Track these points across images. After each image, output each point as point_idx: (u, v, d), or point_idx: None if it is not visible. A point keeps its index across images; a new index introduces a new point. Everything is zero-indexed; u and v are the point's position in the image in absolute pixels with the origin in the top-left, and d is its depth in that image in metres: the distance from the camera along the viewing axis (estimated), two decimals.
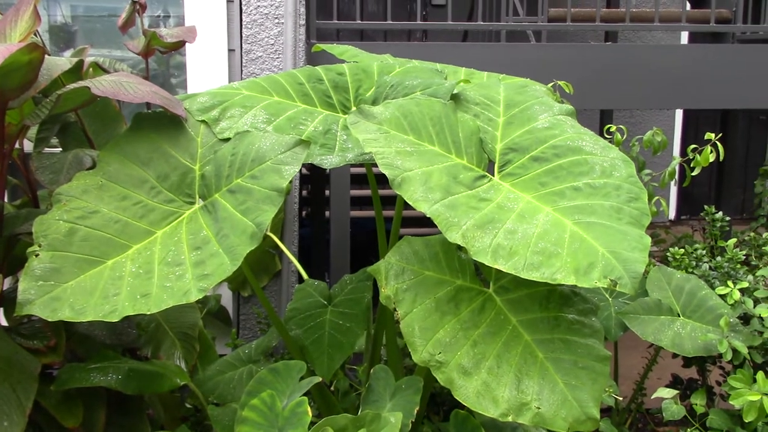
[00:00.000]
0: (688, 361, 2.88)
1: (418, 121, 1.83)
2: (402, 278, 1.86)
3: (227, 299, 3.27)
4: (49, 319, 1.68)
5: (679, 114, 7.00)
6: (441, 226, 1.61)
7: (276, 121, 1.95)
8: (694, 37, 6.72)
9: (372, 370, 2.08)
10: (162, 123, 1.97)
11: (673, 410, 2.46)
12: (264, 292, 3.11)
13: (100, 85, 1.85)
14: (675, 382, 3.07)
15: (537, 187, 1.76)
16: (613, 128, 2.71)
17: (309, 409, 1.86)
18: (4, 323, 2.17)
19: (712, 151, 2.49)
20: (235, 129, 1.93)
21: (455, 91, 2.00)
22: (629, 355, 3.17)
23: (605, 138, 2.78)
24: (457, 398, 1.72)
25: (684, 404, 2.59)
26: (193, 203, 1.91)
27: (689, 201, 7.14)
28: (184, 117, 1.95)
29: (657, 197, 2.71)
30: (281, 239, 3.00)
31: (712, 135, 2.50)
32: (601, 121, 5.90)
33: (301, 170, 4.07)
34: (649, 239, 1.60)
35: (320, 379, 1.99)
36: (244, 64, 2.96)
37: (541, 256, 1.56)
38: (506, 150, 1.87)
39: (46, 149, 2.34)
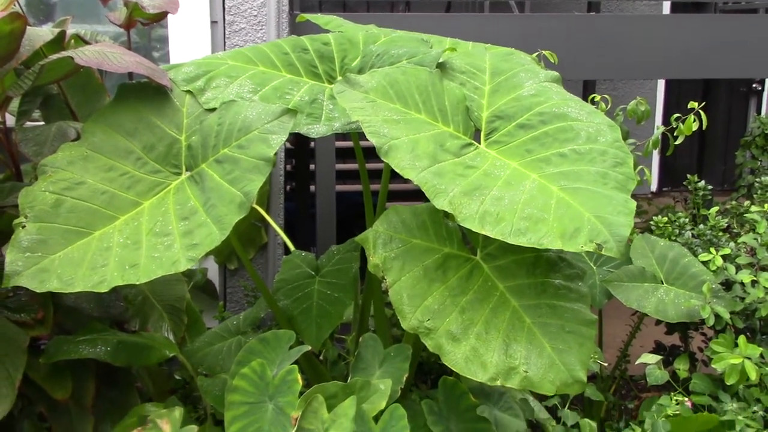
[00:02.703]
0: (670, 328, 2.93)
1: (404, 89, 1.84)
2: (390, 247, 1.87)
3: (213, 273, 3.27)
4: (37, 291, 1.68)
5: (661, 85, 7.03)
6: (428, 193, 1.62)
7: (262, 91, 1.94)
8: (675, 8, 6.74)
9: (361, 339, 2.10)
10: (147, 93, 1.96)
11: (657, 375, 2.50)
12: (252, 264, 3.12)
13: (84, 55, 1.84)
14: (658, 349, 3.11)
15: (523, 154, 1.77)
16: (597, 98, 2.72)
17: (299, 377, 1.88)
18: None
19: (695, 120, 2.51)
20: (220, 99, 1.92)
21: (441, 60, 2.00)
22: (613, 324, 3.21)
23: None
24: (446, 364, 1.74)
25: (667, 370, 2.63)
26: (179, 174, 1.90)
27: (671, 173, 7.19)
28: (169, 87, 1.94)
29: (641, 166, 2.73)
30: (267, 212, 2.99)
31: (695, 104, 2.51)
32: (584, 92, 5.91)
33: (285, 144, 4.06)
34: (634, 203, 1.62)
35: (309, 348, 2.01)
36: (227, 36, 2.94)
37: (527, 222, 1.57)
38: (492, 118, 1.88)
39: (28, 122, 2.32)
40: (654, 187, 7.27)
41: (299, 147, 4.22)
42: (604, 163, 1.69)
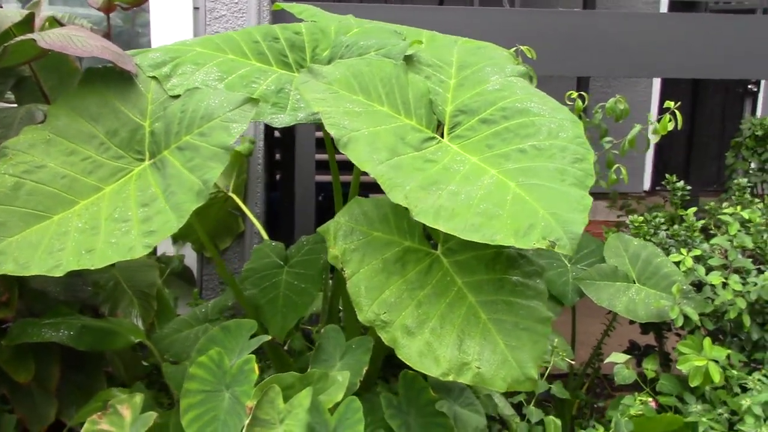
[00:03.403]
0: (645, 328, 2.92)
1: (368, 81, 1.83)
2: (350, 239, 1.86)
3: (192, 259, 3.27)
4: None
5: (656, 85, 7.01)
6: (385, 186, 1.61)
7: (228, 79, 1.94)
8: (673, 7, 6.72)
9: (323, 330, 2.10)
10: (113, 78, 1.95)
11: (625, 374, 2.50)
12: (227, 252, 3.12)
13: (48, 38, 1.83)
14: (632, 348, 3.11)
15: (484, 149, 1.76)
16: (574, 94, 2.71)
17: (256, 366, 1.88)
18: None
19: (670, 120, 2.50)
20: (186, 86, 1.91)
21: (409, 53, 1.99)
22: (588, 322, 3.20)
23: (567, 105, 2.78)
24: (400, 357, 1.74)
25: (640, 370, 2.63)
26: (143, 160, 1.90)
27: (664, 172, 7.16)
28: (134, 72, 1.94)
29: (617, 165, 2.72)
30: (244, 201, 2.99)
31: (671, 103, 2.50)
32: (578, 89, 5.89)
33: (273, 134, 4.05)
34: (590, 200, 1.61)
35: (269, 337, 2.01)
36: (207, 23, 2.93)
37: (482, 218, 1.57)
38: (456, 112, 1.87)
39: (3, 104, 2.32)
40: (647, 185, 7.26)
41: (286, 137, 4.22)
42: (564, 160, 1.68)
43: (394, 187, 1.61)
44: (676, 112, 2.48)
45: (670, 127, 2.49)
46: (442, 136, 1.84)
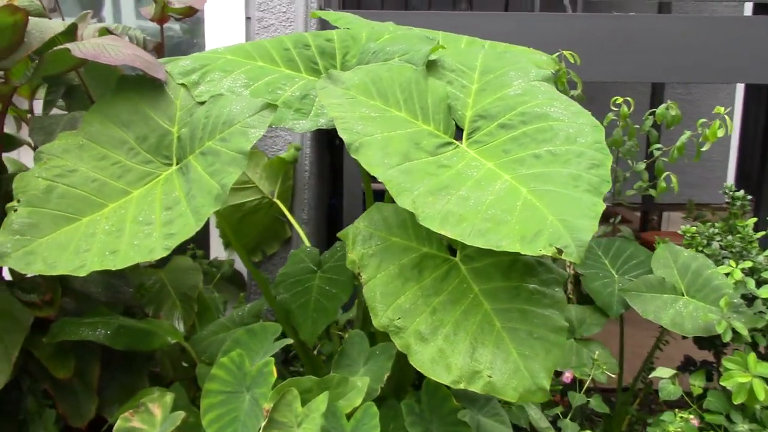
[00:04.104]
0: (701, 343, 2.80)
1: (386, 86, 1.83)
2: (369, 244, 1.86)
3: (243, 264, 3.34)
4: (22, 272, 1.76)
5: (740, 90, 6.72)
6: (393, 191, 1.61)
7: (254, 86, 1.97)
8: (758, 9, 6.42)
9: (347, 335, 2.11)
10: (144, 86, 2.02)
11: (670, 390, 2.41)
12: (275, 258, 3.17)
13: (83, 47, 1.91)
14: (687, 363, 2.99)
15: (500, 154, 1.73)
16: (620, 100, 2.63)
17: (274, 369, 1.90)
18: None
19: (721, 126, 2.39)
20: (212, 92, 1.96)
21: (433, 58, 1.98)
22: (644, 335, 3.09)
23: (612, 110, 2.71)
24: (412, 364, 1.73)
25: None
26: (170, 165, 1.95)
27: (746, 183, 6.86)
28: (164, 80, 1.99)
29: (667, 173, 2.62)
30: (291, 207, 3.03)
31: (722, 109, 2.40)
32: (652, 97, 5.72)
33: (335, 142, 4.09)
34: (602, 207, 1.56)
35: (291, 341, 2.03)
36: (256, 32, 2.99)
37: (489, 223, 1.54)
38: (476, 117, 1.85)
39: (59, 112, 2.43)
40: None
41: (341, 144, 4.25)
42: (579, 165, 1.64)
43: (402, 192, 1.60)
44: (726, 118, 2.37)
45: (721, 134, 2.38)
46: (461, 142, 1.82)
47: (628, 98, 2.63)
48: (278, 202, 2.86)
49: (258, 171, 2.84)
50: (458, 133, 1.85)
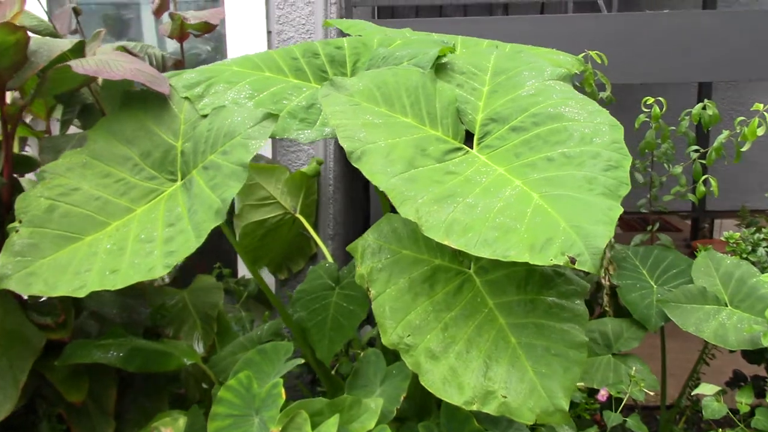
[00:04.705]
0: (750, 356, 2.63)
1: (392, 91, 1.74)
2: (378, 257, 1.78)
3: (271, 283, 3.28)
4: (23, 293, 1.72)
5: None
6: (395, 200, 1.52)
7: (258, 97, 1.91)
8: None
9: (362, 354, 2.02)
10: (149, 101, 1.97)
11: (714, 408, 2.25)
12: (300, 275, 3.10)
13: (85, 64, 1.87)
14: (736, 378, 2.81)
15: (511, 159, 1.63)
16: (650, 100, 2.49)
17: (283, 391, 1.82)
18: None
19: (761, 124, 2.24)
20: (217, 105, 1.90)
21: (444, 60, 1.89)
22: (690, 349, 2.92)
23: (644, 111, 2.57)
24: (423, 384, 1.63)
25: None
26: (175, 180, 1.90)
27: None
28: (167, 94, 1.94)
29: (706, 176, 2.47)
30: (315, 222, 2.96)
31: (761, 105, 2.24)
32: (699, 95, 5.50)
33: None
34: (618, 211, 1.44)
35: (302, 361, 1.94)
36: (276, 45, 2.94)
37: (497, 232, 1.44)
38: (487, 120, 1.75)
39: (73, 131, 2.40)
40: None
41: None
42: (595, 167, 1.52)
43: (405, 201, 1.51)
44: (766, 115, 2.22)
45: (760, 132, 2.23)
46: (471, 147, 1.72)
47: (660, 98, 2.49)
48: (301, 217, 2.79)
49: (279, 186, 2.78)
50: (469, 138, 1.75)
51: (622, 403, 2.26)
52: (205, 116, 1.90)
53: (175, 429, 2.04)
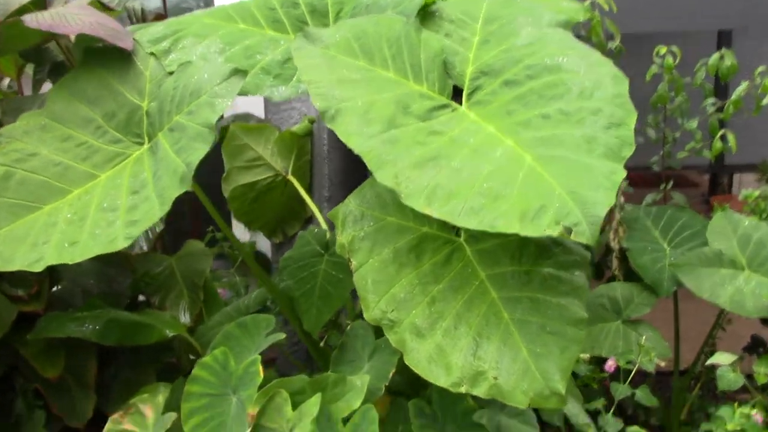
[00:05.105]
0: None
1: (372, 43, 1.57)
2: (360, 225, 1.63)
3: (267, 247, 3.15)
4: None
5: None
6: (372, 164, 1.36)
7: (230, 51, 1.75)
8: None
9: (349, 327, 1.88)
10: (112, 57, 1.81)
11: (730, 379, 2.11)
12: (295, 239, 2.96)
13: (40, 18, 1.72)
14: (755, 344, 2.67)
15: (503, 116, 1.46)
16: (663, 50, 2.30)
17: (261, 368, 1.69)
18: None
19: None
20: (183, 60, 1.74)
21: (433, 8, 1.72)
22: (708, 310, 2.76)
23: (655, 61, 2.38)
24: (407, 363, 1.49)
25: None
26: (141, 144, 1.75)
27: None
28: (130, 49, 1.78)
29: (723, 131, 2.29)
30: (310, 183, 2.81)
31: None
32: (717, 47, 5.24)
33: None
34: (621, 175, 1.28)
35: (283, 335, 1.81)
36: None
37: (484, 199, 1.28)
38: (477, 74, 1.58)
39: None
40: None
41: None
42: (595, 125, 1.36)
43: (383, 165, 1.35)
44: None
45: None
46: (460, 104, 1.56)
47: (673, 48, 2.30)
48: (293, 179, 2.64)
49: (269, 147, 2.62)
50: (457, 93, 1.59)
51: (632, 373, 2.12)
52: (171, 73, 1.75)
53: (154, 406, 1.93)
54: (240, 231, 3.14)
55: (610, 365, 2.15)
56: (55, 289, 2.17)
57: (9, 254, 1.59)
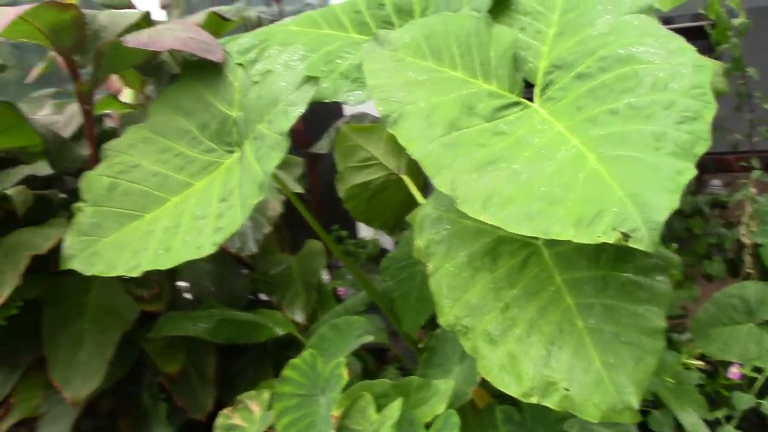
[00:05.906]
0: None
1: (441, 42, 1.54)
2: (437, 228, 1.60)
3: (390, 244, 3.18)
4: (85, 273, 1.72)
5: None
6: (429, 170, 1.34)
7: (311, 57, 1.77)
8: None
9: (438, 330, 1.86)
10: (205, 70, 1.89)
11: None
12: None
13: (138, 37, 1.82)
14: None
15: (573, 113, 1.38)
16: None
17: (345, 371, 1.71)
18: None
19: None
20: (267, 70, 1.79)
21: (509, 1, 1.65)
22: None
23: None
24: (479, 371, 1.45)
25: None
26: (232, 152, 1.82)
27: None
28: (220, 62, 1.85)
29: None
30: (424, 182, 2.80)
31: None
32: None
33: None
34: (689, 174, 1.17)
35: (371, 338, 1.82)
36: None
37: (542, 203, 1.22)
38: (550, 68, 1.50)
39: None
40: None
41: None
42: (667, 120, 1.24)
43: (440, 170, 1.32)
44: None
45: None
46: (531, 100, 1.49)
47: None
48: (406, 178, 2.64)
49: (381, 146, 2.63)
50: (530, 90, 1.52)
51: (760, 382, 1.94)
52: (256, 83, 1.80)
53: (261, 402, 2.01)
54: (365, 229, 3.19)
55: (734, 372, 1.98)
56: (176, 289, 2.31)
57: (113, 261, 1.71)
